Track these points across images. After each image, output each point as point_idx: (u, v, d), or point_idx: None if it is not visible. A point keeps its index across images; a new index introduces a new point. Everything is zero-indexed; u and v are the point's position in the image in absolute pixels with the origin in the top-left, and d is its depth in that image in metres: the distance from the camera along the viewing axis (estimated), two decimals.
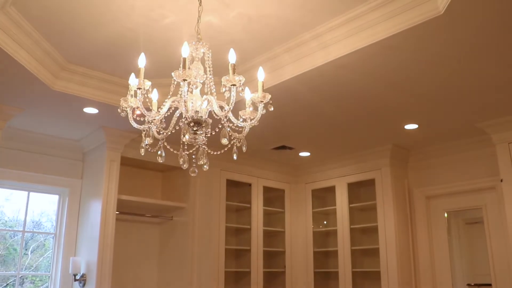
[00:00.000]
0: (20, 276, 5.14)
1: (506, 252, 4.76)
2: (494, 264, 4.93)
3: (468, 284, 5.42)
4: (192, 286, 5.30)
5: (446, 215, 5.49)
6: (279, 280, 6.24)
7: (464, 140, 5.21)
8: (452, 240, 5.50)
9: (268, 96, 2.38)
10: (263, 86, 2.40)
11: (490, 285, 4.98)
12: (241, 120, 2.43)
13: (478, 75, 3.60)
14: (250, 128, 2.47)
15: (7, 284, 5.12)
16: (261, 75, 2.42)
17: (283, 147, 5.54)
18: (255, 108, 2.42)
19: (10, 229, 5.22)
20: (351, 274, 5.67)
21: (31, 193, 5.21)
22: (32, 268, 5.34)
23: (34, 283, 5.38)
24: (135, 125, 2.53)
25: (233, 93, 2.30)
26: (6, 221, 5.18)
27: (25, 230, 5.16)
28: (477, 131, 4.85)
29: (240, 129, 2.47)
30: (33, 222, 5.35)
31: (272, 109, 2.42)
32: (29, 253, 5.36)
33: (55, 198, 5.35)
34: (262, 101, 2.37)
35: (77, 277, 4.90)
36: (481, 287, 5.28)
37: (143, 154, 2.60)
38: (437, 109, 4.32)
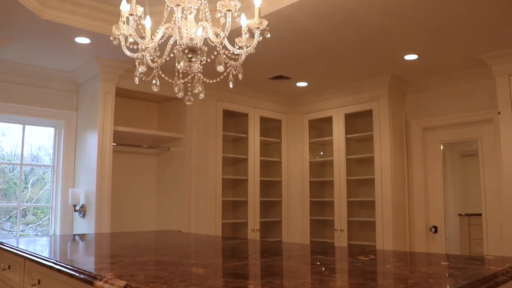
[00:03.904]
0: (22, 208, 5.22)
1: (498, 184, 4.84)
2: (485, 195, 5.04)
3: (459, 214, 5.55)
4: (190, 215, 5.42)
5: (442, 147, 5.53)
6: (276, 209, 6.38)
7: (464, 72, 5.15)
8: (447, 171, 5.57)
9: (265, 23, 2.30)
10: (259, 12, 2.31)
11: (480, 215, 5.11)
12: (237, 47, 2.36)
13: (481, 5, 3.48)
14: (246, 57, 2.41)
15: (10, 216, 5.21)
16: (257, 0, 2.32)
17: (280, 77, 5.47)
18: (252, 35, 2.34)
19: (8, 162, 5.24)
20: (346, 203, 5.79)
21: (28, 128, 5.20)
22: (33, 200, 5.42)
23: (36, 215, 5.48)
24: (128, 53, 2.47)
25: (229, 19, 2.22)
26: (4, 156, 5.19)
27: (23, 163, 5.18)
28: (478, 63, 4.78)
29: (236, 56, 2.41)
30: (31, 157, 5.37)
31: (269, 35, 2.34)
32: (29, 186, 5.41)
33: (52, 132, 5.33)
34: (258, 28, 2.29)
35: (77, 208, 4.99)
36: (471, 217, 5.42)
37: (137, 82, 2.55)
38: (438, 40, 4.22)
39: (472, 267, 1.86)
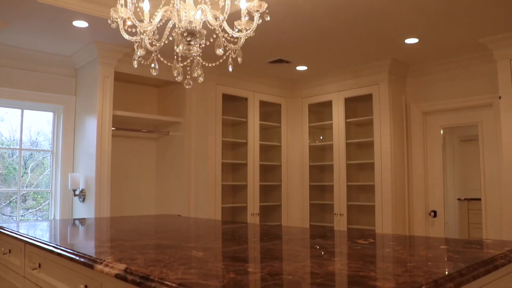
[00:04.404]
0: (21, 193, 5.23)
1: (498, 168, 4.85)
2: (485, 180, 5.05)
3: (459, 199, 5.57)
4: (189, 200, 5.43)
5: (442, 131, 5.52)
6: (275, 193, 6.40)
7: (465, 56, 5.12)
8: (446, 156, 5.57)
9: (265, 5, 2.28)
10: None
11: (479, 199, 5.12)
12: (236, 30, 2.34)
13: None
14: (246, 40, 2.39)
15: (10, 201, 5.22)
16: None
17: (280, 61, 5.44)
18: (251, 18, 2.32)
19: (7, 147, 5.24)
20: (346, 187, 5.80)
21: (27, 113, 5.18)
22: (33, 186, 5.43)
23: (36, 200, 5.49)
24: (126, 36, 2.45)
25: (228, 2, 2.19)
26: (3, 141, 5.19)
27: (22, 148, 5.17)
28: (479, 47, 4.75)
29: (236, 40, 2.39)
30: (30, 142, 5.37)
31: (268, 18, 2.32)
32: (28, 171, 5.42)
33: (51, 117, 5.32)
34: (258, 11, 2.27)
35: (77, 193, 4.99)
36: (470, 202, 5.44)
37: (136, 66, 2.53)
38: (439, 23, 4.18)
39: (471, 250, 1.87)
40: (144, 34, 2.40)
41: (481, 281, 1.53)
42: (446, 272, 1.41)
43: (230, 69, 2.44)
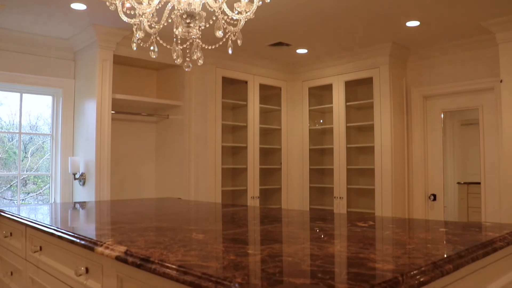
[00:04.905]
0: (22, 177, 5.24)
1: (498, 153, 4.85)
2: (484, 164, 5.05)
3: (458, 183, 5.58)
4: (189, 183, 5.44)
5: (442, 115, 5.51)
6: (275, 177, 6.41)
7: (466, 40, 5.09)
8: (447, 140, 5.57)
9: None
10: None
11: (478, 183, 5.13)
12: (236, 12, 2.32)
13: None
14: (245, 23, 2.37)
15: (11, 185, 5.23)
16: None
17: (280, 44, 5.40)
18: (251, 0, 2.30)
19: (7, 131, 5.23)
20: (346, 171, 5.81)
21: (26, 98, 5.16)
22: (33, 170, 5.44)
23: (36, 184, 5.50)
24: (125, 18, 2.43)
25: None
26: (2, 125, 5.18)
27: (21, 131, 5.16)
28: (481, 30, 4.71)
29: (235, 22, 2.37)
30: (30, 126, 5.36)
31: (268, 0, 2.29)
32: (29, 156, 5.42)
33: (50, 101, 5.29)
34: None
35: (77, 176, 5.00)
36: (470, 185, 5.45)
37: (135, 49, 2.51)
38: (441, 6, 4.14)
39: (470, 233, 1.87)
40: (143, 16, 2.38)
41: (480, 263, 1.54)
42: (445, 254, 1.42)
43: (230, 51, 2.42)
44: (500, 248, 1.66)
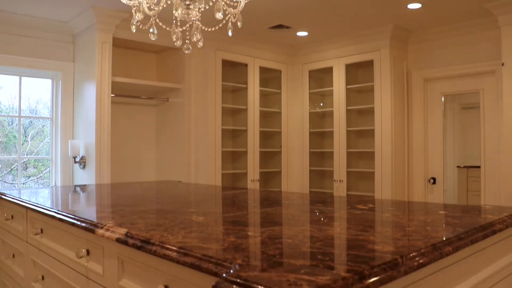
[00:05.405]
0: (22, 161, 5.24)
1: (498, 136, 4.84)
2: (485, 147, 5.05)
3: (458, 166, 5.59)
4: (190, 166, 5.45)
5: (443, 98, 5.49)
6: (275, 160, 6.42)
7: (468, 22, 5.04)
8: (447, 123, 5.56)
9: None
10: None
11: (478, 167, 5.13)
12: None
13: None
14: (245, 5, 2.35)
15: (11, 169, 5.24)
16: None
17: (280, 26, 5.36)
18: None
19: (6, 114, 5.21)
20: (346, 154, 5.81)
21: (26, 81, 5.13)
22: (33, 153, 5.44)
23: (36, 168, 5.51)
24: (124, 0, 2.40)
25: None
26: (2, 109, 5.16)
27: (21, 115, 5.15)
28: (483, 12, 4.66)
29: (235, 4, 2.34)
30: (29, 110, 5.34)
31: None
32: (29, 139, 5.42)
33: (50, 84, 5.27)
34: None
35: (77, 160, 5.00)
36: (470, 169, 5.46)
37: (134, 31, 2.49)
38: None
39: (469, 216, 1.88)
40: None
41: (479, 245, 1.55)
42: (445, 237, 1.42)
43: (230, 33, 2.40)
44: (500, 231, 1.67)
